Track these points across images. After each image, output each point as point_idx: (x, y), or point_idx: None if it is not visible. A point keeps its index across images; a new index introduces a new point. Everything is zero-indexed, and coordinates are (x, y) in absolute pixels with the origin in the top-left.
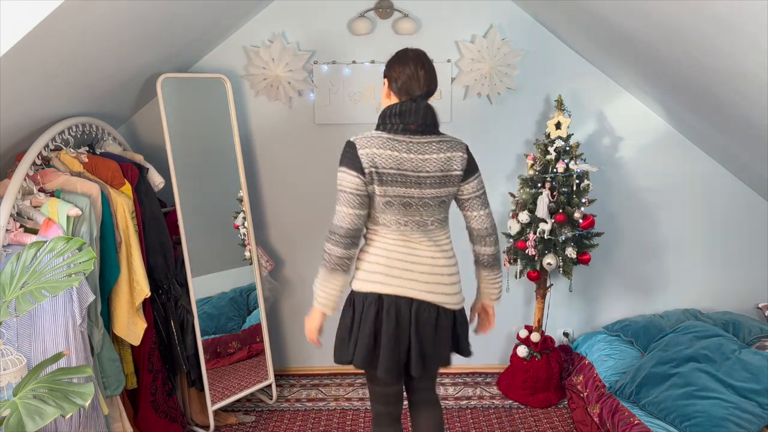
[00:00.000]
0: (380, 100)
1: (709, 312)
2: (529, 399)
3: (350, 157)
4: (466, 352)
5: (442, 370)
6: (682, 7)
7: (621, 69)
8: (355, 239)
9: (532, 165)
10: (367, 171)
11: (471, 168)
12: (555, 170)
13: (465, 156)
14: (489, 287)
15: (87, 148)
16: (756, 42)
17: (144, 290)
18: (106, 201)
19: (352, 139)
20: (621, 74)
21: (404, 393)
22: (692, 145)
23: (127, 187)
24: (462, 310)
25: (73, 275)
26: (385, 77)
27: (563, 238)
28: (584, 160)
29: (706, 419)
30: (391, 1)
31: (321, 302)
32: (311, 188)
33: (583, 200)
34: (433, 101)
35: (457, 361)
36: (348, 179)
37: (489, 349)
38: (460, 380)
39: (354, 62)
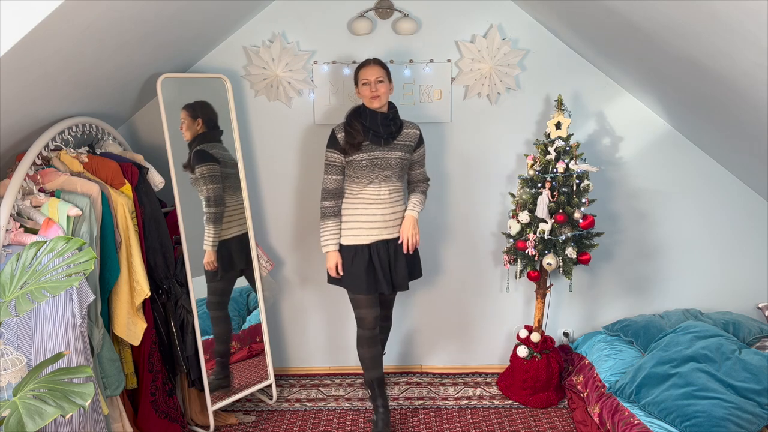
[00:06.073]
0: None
1: (709, 312)
2: (529, 399)
3: None
4: None
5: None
6: (682, 7)
7: (621, 69)
8: None
9: (532, 165)
10: None
11: None
12: (555, 170)
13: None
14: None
15: (87, 148)
16: (756, 42)
17: (144, 290)
18: (106, 201)
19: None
20: (621, 74)
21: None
22: (692, 145)
23: (127, 187)
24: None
25: (73, 275)
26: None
27: (563, 238)
28: (584, 160)
29: (706, 419)
30: (391, 1)
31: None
32: (311, 188)
33: (583, 200)
34: (433, 101)
35: (458, 361)
36: None
37: (489, 349)
38: (460, 380)
39: (354, 62)
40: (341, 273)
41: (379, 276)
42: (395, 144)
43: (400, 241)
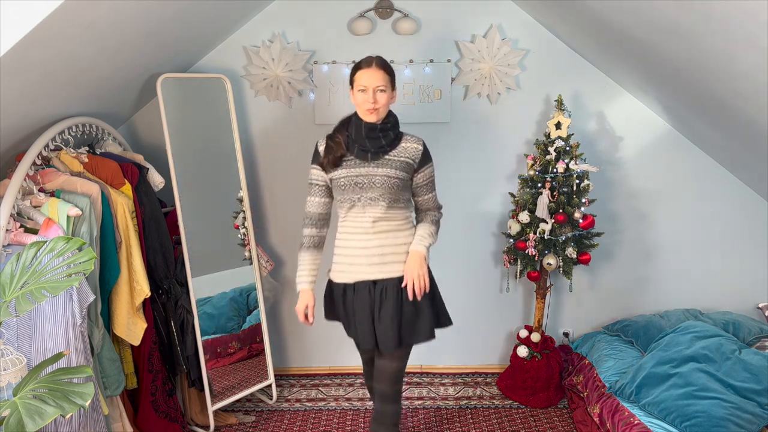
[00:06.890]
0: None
1: (709, 312)
2: (529, 399)
3: None
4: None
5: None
6: (682, 7)
7: (621, 69)
8: None
9: (532, 165)
10: None
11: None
12: (555, 170)
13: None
14: None
15: (87, 148)
16: (756, 42)
17: (144, 290)
18: (106, 201)
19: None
20: (621, 74)
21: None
22: (692, 145)
23: (127, 187)
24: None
25: (73, 275)
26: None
27: (563, 238)
28: (584, 160)
29: (706, 419)
30: (391, 1)
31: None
32: None
33: (583, 200)
34: (433, 101)
35: (458, 361)
36: None
37: (489, 349)
38: (460, 380)
39: (354, 62)
40: (310, 319)
41: (353, 325)
42: (386, 160)
43: (403, 284)
